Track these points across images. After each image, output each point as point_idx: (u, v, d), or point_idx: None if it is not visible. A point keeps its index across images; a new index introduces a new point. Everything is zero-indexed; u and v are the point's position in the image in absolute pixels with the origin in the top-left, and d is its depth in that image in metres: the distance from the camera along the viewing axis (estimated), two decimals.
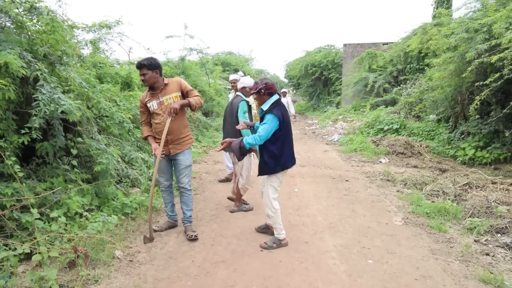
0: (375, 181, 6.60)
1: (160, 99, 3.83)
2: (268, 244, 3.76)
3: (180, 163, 3.96)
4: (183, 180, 4.01)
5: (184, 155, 3.96)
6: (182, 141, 3.94)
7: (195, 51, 12.26)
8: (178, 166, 3.98)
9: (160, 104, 3.83)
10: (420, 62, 13.69)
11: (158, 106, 3.84)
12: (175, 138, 3.88)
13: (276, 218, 3.74)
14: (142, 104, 3.95)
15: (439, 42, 8.39)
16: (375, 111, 13.15)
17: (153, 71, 3.76)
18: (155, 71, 3.78)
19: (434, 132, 9.93)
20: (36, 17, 4.36)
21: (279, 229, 3.77)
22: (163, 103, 3.82)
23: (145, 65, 3.74)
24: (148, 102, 3.88)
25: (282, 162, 3.63)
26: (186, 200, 4.08)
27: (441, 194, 5.54)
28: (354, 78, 18.21)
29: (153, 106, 3.85)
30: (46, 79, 3.90)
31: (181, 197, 4.10)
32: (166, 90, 3.86)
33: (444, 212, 4.68)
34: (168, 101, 3.82)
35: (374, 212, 4.85)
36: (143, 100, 3.93)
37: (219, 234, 4.12)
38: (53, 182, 4.14)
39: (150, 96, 3.88)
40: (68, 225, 3.77)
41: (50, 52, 4.31)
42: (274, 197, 3.73)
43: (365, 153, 9.32)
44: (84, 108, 4.48)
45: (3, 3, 4.19)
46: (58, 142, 4.10)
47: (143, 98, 3.95)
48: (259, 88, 3.57)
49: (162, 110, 3.82)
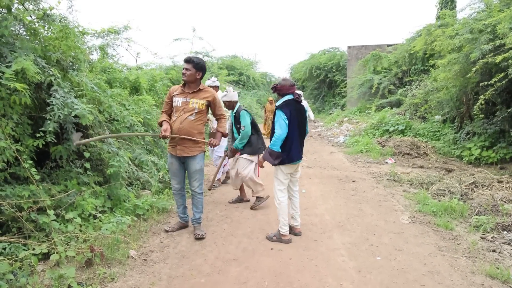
0: (382, 181, 6.66)
1: (187, 99, 3.90)
2: (269, 235, 4.01)
3: (190, 167, 3.99)
4: (193, 184, 4.05)
5: (194, 159, 3.96)
6: (191, 145, 3.92)
7: (201, 54, 12.33)
8: (188, 170, 4.02)
9: (185, 103, 3.89)
10: (425, 63, 13.75)
11: (182, 104, 3.89)
12: (185, 140, 3.89)
13: (280, 210, 3.93)
14: (169, 95, 4.02)
15: (443, 43, 8.44)
16: (380, 113, 13.20)
17: (197, 72, 3.85)
18: (199, 73, 3.87)
19: (439, 132, 9.98)
20: (47, 24, 4.49)
21: (282, 223, 3.91)
22: (188, 104, 3.88)
23: (193, 61, 3.85)
24: (175, 96, 3.94)
25: (284, 157, 3.77)
26: (196, 203, 4.15)
27: (448, 193, 5.60)
28: (359, 80, 18.30)
29: (177, 102, 3.91)
30: (60, 84, 4.01)
31: (192, 199, 4.16)
32: (197, 94, 3.92)
33: (451, 211, 4.73)
34: (193, 104, 3.88)
35: (381, 211, 4.92)
36: (171, 92, 4.01)
37: (230, 233, 4.20)
38: (67, 185, 4.25)
39: (180, 92, 3.95)
40: (83, 226, 3.88)
41: (62, 58, 4.44)
42: (279, 188, 3.93)
43: (371, 154, 9.37)
44: (96, 112, 4.60)
45: (17, 11, 4.35)
46: (72, 145, 4.21)
47: (172, 90, 4.03)
48: (273, 86, 3.95)
49: (183, 110, 3.88)
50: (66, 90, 4.03)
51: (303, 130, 3.94)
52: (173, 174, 4.10)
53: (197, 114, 3.91)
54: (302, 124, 3.88)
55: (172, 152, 3.97)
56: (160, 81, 8.20)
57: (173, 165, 4.03)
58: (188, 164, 3.99)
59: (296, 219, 4.12)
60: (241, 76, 24.79)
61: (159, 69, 11.52)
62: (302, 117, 3.87)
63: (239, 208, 5.17)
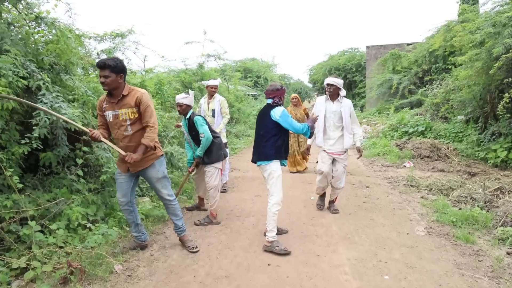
0: (398, 186, 6.21)
1: (116, 111, 3.32)
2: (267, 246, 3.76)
3: (152, 177, 3.53)
4: (162, 194, 3.63)
5: (153, 168, 3.50)
6: (145, 157, 3.42)
7: (213, 57, 12.11)
8: (150, 181, 3.57)
9: (116, 117, 3.32)
10: (446, 61, 13.12)
11: (114, 118, 3.33)
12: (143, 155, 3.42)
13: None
14: (99, 108, 3.41)
15: (463, 38, 7.92)
16: (399, 113, 12.66)
17: (118, 75, 3.22)
18: (120, 76, 3.25)
19: (462, 133, 9.41)
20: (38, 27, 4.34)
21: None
22: (118, 117, 3.32)
23: (110, 66, 3.16)
24: (105, 110, 3.37)
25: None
26: (172, 211, 3.75)
27: (469, 200, 5.12)
28: (377, 80, 17.74)
29: (108, 117, 3.35)
30: (49, 88, 3.83)
31: (167, 209, 3.77)
32: (123, 102, 3.31)
33: (472, 221, 4.28)
34: (123, 116, 3.31)
35: (395, 220, 4.51)
36: (100, 105, 3.39)
37: (227, 246, 3.89)
38: (57, 193, 4.06)
39: (108, 103, 3.35)
40: (68, 238, 3.66)
41: (55, 61, 4.26)
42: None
43: (388, 157, 8.91)
44: (90, 116, 4.40)
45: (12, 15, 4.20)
46: (62, 151, 4.02)
47: (100, 102, 3.41)
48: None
49: (116, 126, 3.34)
50: (55, 94, 3.83)
51: (259, 134, 3.82)
52: (119, 186, 3.54)
53: (132, 125, 3.34)
54: (259, 127, 3.85)
55: (122, 169, 3.48)
56: (168, 84, 8.00)
57: (121, 176, 3.51)
58: (147, 175, 3.52)
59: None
60: (259, 79, 24.61)
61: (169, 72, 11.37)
62: (261, 121, 3.84)
63: (241, 217, 4.86)
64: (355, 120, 4.72)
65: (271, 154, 3.71)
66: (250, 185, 6.62)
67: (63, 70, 4.44)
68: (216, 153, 4.60)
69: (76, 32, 5.25)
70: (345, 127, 4.61)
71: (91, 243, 3.46)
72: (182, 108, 4.55)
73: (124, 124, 3.32)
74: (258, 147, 3.82)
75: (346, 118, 4.58)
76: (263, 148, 3.74)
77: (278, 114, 3.61)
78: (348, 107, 4.60)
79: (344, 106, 4.59)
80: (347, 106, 4.60)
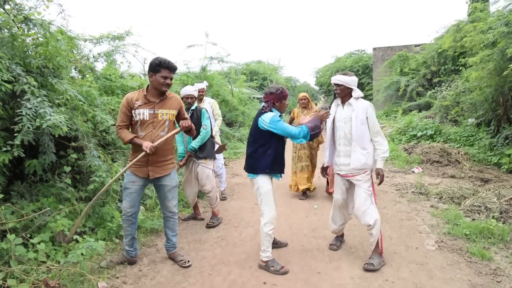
0: (406, 194, 5.90)
1: (155, 110, 3.22)
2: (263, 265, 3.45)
3: (166, 185, 3.39)
4: (170, 204, 3.47)
5: (169, 176, 3.41)
6: (164, 164, 3.35)
7: (215, 59, 11.88)
8: (163, 189, 3.39)
9: (153, 116, 3.21)
10: (456, 62, 12.75)
11: (150, 117, 3.21)
12: (158, 160, 3.29)
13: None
14: (128, 106, 3.21)
15: (474, 38, 7.58)
16: (407, 116, 12.31)
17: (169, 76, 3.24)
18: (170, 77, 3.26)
19: (473, 137, 9.05)
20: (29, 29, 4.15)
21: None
22: (157, 117, 3.22)
23: (176, 68, 3.29)
24: (138, 108, 3.19)
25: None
26: (173, 225, 3.56)
27: (483, 210, 4.80)
28: (384, 82, 17.39)
29: (143, 115, 3.19)
30: (34, 92, 3.60)
31: (167, 222, 3.54)
32: (164, 103, 3.27)
33: (488, 234, 3.96)
34: (163, 116, 3.24)
35: (403, 233, 4.20)
36: (131, 102, 3.20)
37: (221, 260, 3.63)
38: (44, 202, 3.83)
39: (144, 102, 3.21)
40: (52, 251, 3.42)
41: (43, 64, 4.05)
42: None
43: (396, 162, 8.59)
44: (79, 122, 4.16)
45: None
46: (48, 159, 3.79)
47: (132, 99, 3.21)
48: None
49: (153, 125, 3.22)
50: (40, 99, 3.58)
51: (248, 141, 3.49)
52: (128, 195, 3.33)
53: (168, 127, 3.29)
54: (249, 134, 3.51)
55: (139, 173, 3.29)
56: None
57: (134, 185, 3.31)
58: (163, 183, 3.38)
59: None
60: (265, 81, 24.52)
61: None
62: (252, 127, 3.48)
63: (239, 227, 4.60)
64: (375, 129, 3.40)
65: (257, 166, 3.35)
66: (251, 192, 6.33)
67: (51, 73, 4.22)
68: (209, 149, 4.61)
69: (69, 34, 5.04)
70: (355, 139, 3.42)
71: (74, 258, 3.21)
72: (193, 101, 4.60)
73: (163, 124, 3.26)
74: (247, 157, 3.50)
75: (357, 127, 3.38)
76: (250, 158, 3.42)
77: (267, 122, 3.23)
78: (362, 111, 3.40)
79: (357, 110, 3.41)
80: (360, 110, 3.40)
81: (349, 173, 3.50)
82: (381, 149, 3.41)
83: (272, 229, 3.35)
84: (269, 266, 3.35)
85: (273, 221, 3.35)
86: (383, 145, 3.42)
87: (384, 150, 3.42)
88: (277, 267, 3.32)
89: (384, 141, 3.44)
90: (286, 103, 3.43)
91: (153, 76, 3.17)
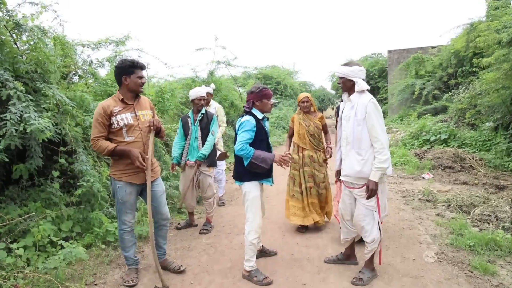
0: (412, 201, 5.59)
1: (136, 112, 3.11)
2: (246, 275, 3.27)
3: (158, 190, 3.27)
4: (164, 210, 3.34)
5: (159, 179, 3.32)
6: (156, 166, 3.31)
7: (223, 63, 11.76)
8: (155, 195, 3.22)
9: (136, 118, 3.09)
10: (474, 64, 12.26)
11: (134, 120, 3.07)
12: (152, 163, 3.19)
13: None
14: (105, 114, 2.97)
15: (488, 38, 7.21)
16: (420, 120, 11.87)
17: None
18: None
19: (490, 142, 8.59)
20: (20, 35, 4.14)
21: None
22: (139, 119, 3.11)
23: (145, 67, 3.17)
24: (118, 113, 3.01)
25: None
26: (165, 233, 3.45)
27: (493, 220, 4.47)
28: (399, 85, 16.91)
29: (126, 119, 3.02)
30: (20, 97, 3.54)
31: (160, 231, 3.40)
32: (141, 105, 3.19)
33: (494, 246, 3.65)
34: (144, 117, 3.15)
35: (401, 243, 3.94)
36: (108, 110, 2.98)
37: (205, 269, 3.47)
38: (31, 207, 3.78)
39: (123, 107, 3.05)
40: (33, 257, 3.34)
41: (32, 69, 4.01)
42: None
43: (406, 167, 8.24)
44: (68, 126, 4.09)
45: None
46: (34, 163, 3.73)
47: (109, 106, 3.00)
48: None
49: (139, 127, 3.10)
50: (25, 104, 3.53)
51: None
52: (129, 207, 3.17)
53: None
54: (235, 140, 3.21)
55: (136, 180, 3.12)
56: (169, 93, 7.68)
57: (131, 196, 3.15)
58: (156, 188, 3.25)
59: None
60: (279, 85, 24.37)
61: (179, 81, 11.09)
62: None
63: (231, 234, 4.44)
64: (373, 132, 2.88)
65: (242, 172, 3.20)
66: None
67: (41, 78, 4.18)
68: (213, 157, 4.55)
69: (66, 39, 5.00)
70: (350, 141, 3.00)
71: (51, 263, 3.12)
72: (204, 103, 4.54)
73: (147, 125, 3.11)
74: (234, 163, 3.36)
75: (354, 127, 2.96)
76: (236, 164, 3.28)
77: (237, 125, 3.12)
78: (361, 109, 2.92)
79: (356, 107, 2.95)
80: (360, 107, 2.93)
81: (349, 181, 3.09)
82: (378, 158, 2.85)
83: (256, 238, 3.18)
84: (252, 276, 3.16)
85: (257, 229, 3.18)
86: (381, 153, 2.85)
87: (382, 160, 2.84)
88: (260, 278, 3.14)
89: (383, 149, 2.85)
90: (270, 103, 3.23)
91: (127, 78, 3.04)
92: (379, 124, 2.89)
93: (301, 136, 4.40)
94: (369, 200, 2.94)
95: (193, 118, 4.48)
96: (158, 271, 3.02)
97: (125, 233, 3.19)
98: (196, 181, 4.51)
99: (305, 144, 4.38)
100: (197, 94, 4.45)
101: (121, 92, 3.10)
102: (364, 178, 2.94)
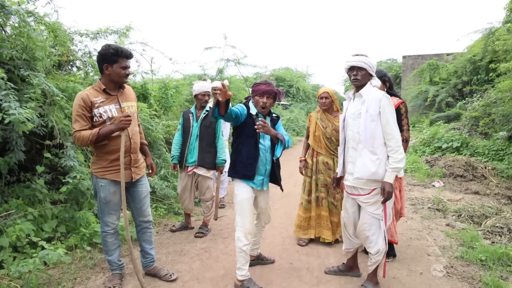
0: (421, 210, 5.33)
1: (121, 104, 2.82)
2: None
3: (142, 190, 3.03)
4: (147, 212, 3.10)
5: (144, 178, 3.08)
6: (140, 163, 3.03)
7: (232, 62, 11.59)
8: (139, 195, 3.01)
9: (121, 110, 2.80)
10: (490, 72, 11.90)
11: (118, 113, 2.78)
12: (137, 159, 2.96)
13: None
14: (86, 105, 2.67)
15: (507, 42, 6.92)
16: (432, 127, 11.55)
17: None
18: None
19: (503, 151, 8.26)
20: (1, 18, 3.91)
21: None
22: (124, 111, 2.82)
23: (132, 56, 2.84)
24: (101, 105, 2.72)
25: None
26: (149, 237, 3.19)
27: (506, 232, 4.20)
28: (412, 91, 16.59)
29: (110, 112, 2.74)
30: (0, 85, 3.33)
31: (143, 234, 3.15)
32: (126, 96, 2.91)
33: (507, 261, 3.39)
34: (130, 109, 2.86)
35: (408, 254, 3.69)
36: (88, 101, 2.67)
37: (196, 276, 3.25)
38: (11, 204, 3.57)
39: (106, 98, 2.76)
40: (9, 259, 3.14)
41: (18, 55, 3.79)
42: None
43: (416, 175, 7.94)
44: (56, 119, 3.87)
45: None
46: (15, 157, 3.52)
47: (89, 96, 2.69)
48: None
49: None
50: (4, 92, 3.28)
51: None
52: (113, 208, 2.90)
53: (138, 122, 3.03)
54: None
55: (117, 178, 2.81)
56: (173, 89, 7.54)
57: (116, 195, 2.86)
58: (137, 187, 3.00)
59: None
60: (291, 88, 24.28)
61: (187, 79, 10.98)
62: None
63: (227, 239, 4.21)
64: (388, 129, 2.63)
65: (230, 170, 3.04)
66: None
67: (26, 65, 3.92)
68: (214, 159, 4.23)
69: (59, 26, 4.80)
70: (363, 139, 2.69)
71: (25, 267, 2.92)
72: (208, 98, 4.29)
73: (133, 118, 2.86)
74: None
75: (366, 124, 2.66)
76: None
77: None
78: (374, 103, 2.65)
79: (368, 102, 2.68)
80: (372, 102, 2.66)
81: (355, 191, 2.82)
82: (393, 158, 2.60)
83: (246, 245, 2.90)
84: (245, 286, 2.93)
85: (246, 235, 2.90)
86: (396, 152, 2.60)
87: (397, 159, 2.58)
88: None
89: (399, 147, 2.61)
90: (260, 101, 2.92)
91: (109, 68, 2.73)
92: (394, 121, 2.64)
93: (317, 139, 3.91)
94: (376, 208, 2.70)
95: (195, 115, 4.21)
96: (138, 279, 2.83)
97: (108, 235, 2.94)
98: (195, 183, 4.34)
99: (320, 148, 3.89)
100: (201, 88, 4.15)
101: (103, 81, 2.79)
102: (376, 182, 2.67)
